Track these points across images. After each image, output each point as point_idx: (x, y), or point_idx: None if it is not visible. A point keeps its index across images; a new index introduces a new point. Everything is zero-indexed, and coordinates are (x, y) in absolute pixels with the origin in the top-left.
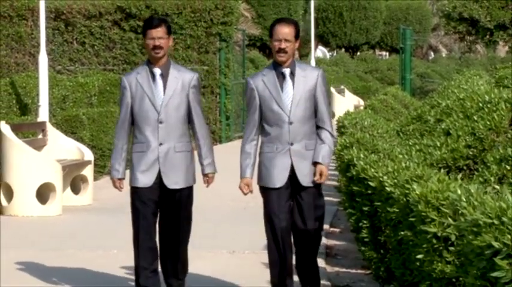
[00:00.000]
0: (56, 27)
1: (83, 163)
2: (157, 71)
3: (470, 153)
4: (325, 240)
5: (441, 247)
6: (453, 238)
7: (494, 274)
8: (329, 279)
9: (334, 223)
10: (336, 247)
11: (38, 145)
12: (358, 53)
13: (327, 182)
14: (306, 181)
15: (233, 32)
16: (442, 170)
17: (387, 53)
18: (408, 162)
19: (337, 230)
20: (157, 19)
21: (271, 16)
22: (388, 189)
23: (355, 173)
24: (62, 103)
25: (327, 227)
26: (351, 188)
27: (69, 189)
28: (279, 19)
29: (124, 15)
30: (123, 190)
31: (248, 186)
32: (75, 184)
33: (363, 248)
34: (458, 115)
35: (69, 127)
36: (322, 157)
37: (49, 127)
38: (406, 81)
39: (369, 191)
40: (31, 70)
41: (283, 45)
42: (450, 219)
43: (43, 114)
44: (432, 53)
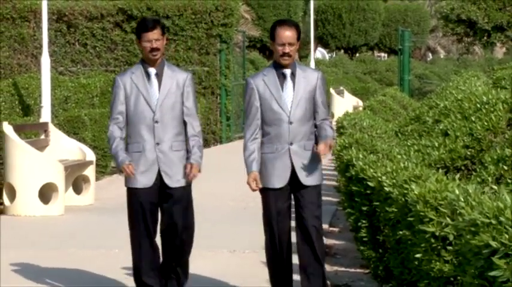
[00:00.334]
0: (58, 29)
1: (84, 163)
2: (152, 71)
3: (468, 153)
4: (324, 239)
5: (439, 247)
6: (451, 237)
7: (492, 273)
8: (328, 278)
9: (333, 222)
10: (335, 247)
11: (40, 146)
12: (357, 55)
13: (326, 182)
14: (306, 180)
15: (233, 33)
16: (440, 171)
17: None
18: (407, 162)
19: (336, 230)
20: (151, 21)
21: (271, 18)
22: (386, 189)
23: (354, 173)
24: (64, 104)
25: (326, 226)
26: (350, 188)
27: (71, 189)
28: (281, 22)
29: (125, 16)
30: (124, 189)
31: (256, 181)
32: (77, 184)
33: (362, 248)
34: (456, 116)
35: (71, 128)
36: (326, 135)
37: (51, 128)
38: (405, 82)
39: (368, 191)
40: (33, 71)
41: (287, 49)
42: (448, 219)
43: (45, 115)
44: (430, 55)
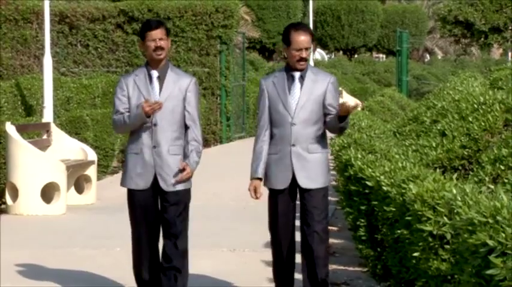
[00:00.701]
0: (60, 30)
1: (86, 163)
2: (154, 74)
3: (465, 153)
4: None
5: (437, 245)
6: (448, 236)
7: (488, 272)
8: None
9: (332, 221)
10: (333, 245)
11: (42, 145)
12: (356, 56)
13: None
14: (306, 184)
15: (233, 34)
16: (437, 170)
17: (384, 56)
18: (404, 162)
19: (335, 229)
20: (155, 21)
21: (270, 19)
22: (385, 188)
23: (352, 173)
24: (66, 104)
25: None
26: (348, 188)
27: (73, 188)
28: (296, 26)
29: (127, 18)
30: (125, 189)
31: (256, 190)
32: (79, 184)
33: (360, 246)
34: (454, 116)
35: (73, 128)
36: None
37: (53, 128)
38: (403, 83)
39: (366, 191)
40: (36, 72)
41: (304, 54)
42: (445, 218)
43: (47, 115)
44: (428, 56)
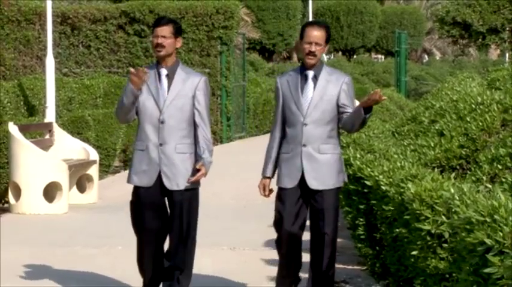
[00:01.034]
0: (62, 31)
1: (88, 163)
2: (163, 71)
3: (463, 153)
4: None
5: (435, 244)
6: (446, 235)
7: (486, 270)
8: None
9: None
10: None
11: (45, 145)
12: (355, 56)
13: None
14: (314, 185)
15: (234, 35)
16: (435, 170)
17: (383, 56)
18: (403, 162)
19: None
20: (166, 19)
21: (270, 21)
22: (383, 188)
23: (351, 172)
24: (68, 105)
25: None
26: (347, 187)
27: (75, 188)
28: (312, 22)
29: (128, 19)
30: (127, 188)
31: (265, 188)
32: (81, 183)
33: (359, 245)
34: (452, 116)
35: (75, 128)
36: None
37: (56, 128)
38: (401, 83)
39: (365, 190)
40: (38, 73)
41: (313, 48)
42: (444, 217)
43: (50, 115)
44: (426, 56)
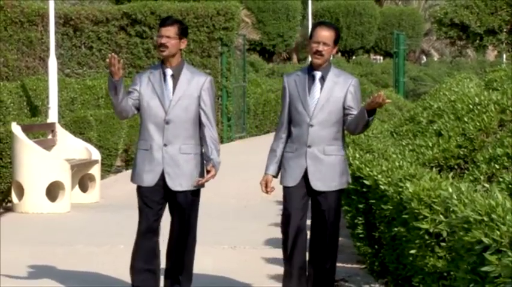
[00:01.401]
0: (64, 33)
1: (90, 162)
2: (168, 72)
3: (461, 153)
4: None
5: (433, 243)
6: (445, 234)
7: (484, 269)
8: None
9: None
10: None
11: (47, 145)
12: (354, 57)
13: None
14: (317, 186)
15: (234, 37)
16: (434, 169)
17: (381, 57)
18: (401, 161)
19: None
20: (172, 19)
21: (270, 22)
22: (382, 187)
23: (350, 172)
24: (70, 105)
25: None
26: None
27: (77, 187)
28: (321, 22)
29: (130, 21)
30: (129, 187)
31: (267, 185)
32: (83, 183)
33: (358, 244)
34: (450, 116)
35: (78, 128)
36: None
37: (58, 128)
38: (400, 84)
39: (364, 189)
40: (41, 73)
41: (320, 47)
42: (442, 216)
43: (52, 115)
44: (424, 57)
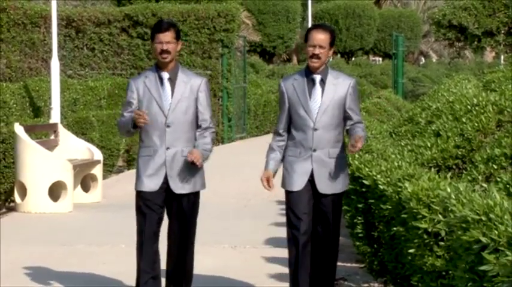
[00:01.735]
0: (67, 34)
1: (92, 163)
2: (165, 75)
3: (459, 153)
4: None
5: (432, 242)
6: (443, 233)
7: (482, 268)
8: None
9: None
10: None
11: (50, 145)
12: (353, 59)
13: None
14: (324, 189)
15: (235, 38)
16: (432, 169)
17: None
18: (400, 161)
19: None
20: (166, 23)
21: (270, 24)
22: (381, 187)
23: (350, 172)
24: (72, 106)
25: None
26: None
27: (79, 187)
28: (316, 25)
29: (131, 22)
30: (130, 187)
31: (268, 181)
32: (85, 182)
33: (358, 243)
34: (448, 117)
35: (80, 128)
36: (359, 131)
37: (60, 128)
38: (399, 85)
39: (363, 189)
40: (43, 75)
41: (317, 51)
42: (440, 215)
43: (55, 116)
44: (423, 59)
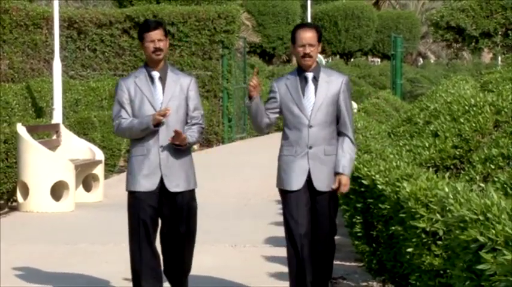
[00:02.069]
0: (69, 35)
1: (94, 162)
2: (155, 74)
3: (457, 153)
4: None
5: (430, 241)
6: (441, 232)
7: (479, 267)
8: None
9: None
10: None
11: (52, 146)
12: (352, 60)
13: None
14: (321, 186)
15: (235, 39)
16: (430, 169)
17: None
18: (399, 161)
19: None
20: (154, 22)
21: (270, 25)
22: (380, 187)
23: None
24: (74, 106)
25: None
26: None
27: (81, 187)
28: (300, 24)
29: (133, 23)
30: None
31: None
32: (87, 182)
33: (356, 242)
34: (446, 117)
35: (81, 129)
36: (343, 166)
37: (62, 129)
38: (397, 85)
39: (362, 189)
40: (46, 75)
41: (307, 50)
42: (438, 215)
43: (57, 116)
44: (421, 60)
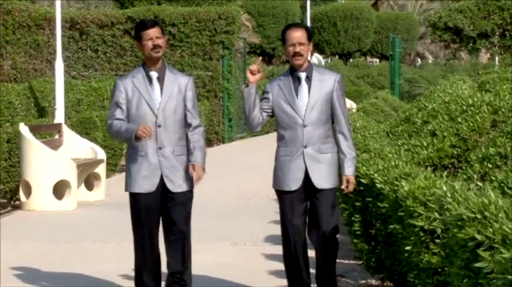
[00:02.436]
0: (71, 36)
1: (96, 162)
2: (154, 75)
3: (455, 152)
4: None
5: (428, 240)
6: (439, 231)
7: (477, 265)
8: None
9: None
10: None
11: (54, 145)
12: (351, 60)
13: None
14: (320, 184)
15: (235, 40)
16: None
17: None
18: (397, 161)
19: None
20: (150, 20)
21: (270, 26)
22: (378, 186)
23: None
24: (76, 106)
25: None
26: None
27: (83, 186)
28: (289, 25)
29: (134, 24)
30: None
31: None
32: (89, 181)
33: (355, 241)
34: (444, 117)
35: (84, 128)
36: (348, 168)
37: (65, 128)
38: (395, 86)
39: (361, 188)
40: (48, 76)
41: (297, 48)
42: (436, 213)
43: (59, 116)
44: (419, 60)
